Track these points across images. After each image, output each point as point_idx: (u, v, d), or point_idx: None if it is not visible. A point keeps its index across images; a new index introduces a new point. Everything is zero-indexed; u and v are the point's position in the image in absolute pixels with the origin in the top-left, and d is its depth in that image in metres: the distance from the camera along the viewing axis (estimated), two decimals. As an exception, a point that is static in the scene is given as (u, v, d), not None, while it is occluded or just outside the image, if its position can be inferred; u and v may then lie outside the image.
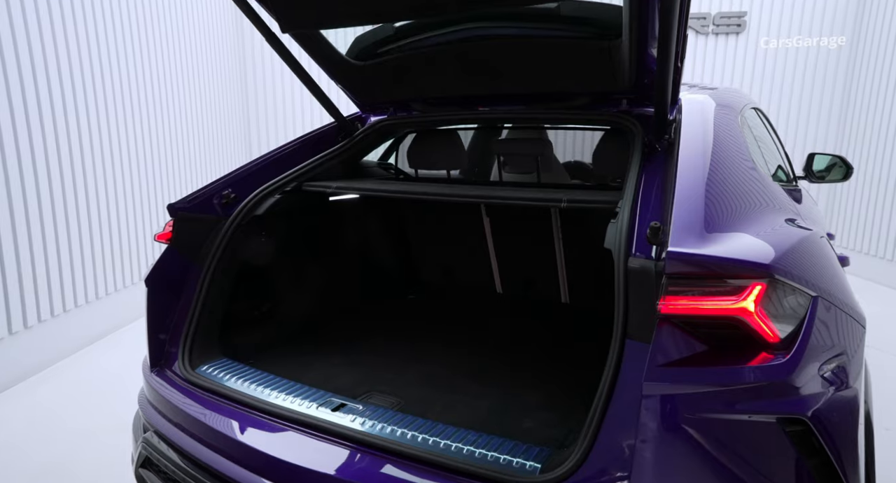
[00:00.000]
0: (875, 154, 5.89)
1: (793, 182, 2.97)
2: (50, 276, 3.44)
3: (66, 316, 3.60)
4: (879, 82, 5.80)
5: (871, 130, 5.93)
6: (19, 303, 3.19)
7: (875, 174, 5.89)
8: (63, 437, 2.64)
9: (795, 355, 1.05)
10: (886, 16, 5.70)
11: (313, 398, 1.52)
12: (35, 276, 3.31)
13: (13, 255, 3.15)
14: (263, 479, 1.32)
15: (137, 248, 4.35)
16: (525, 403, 1.64)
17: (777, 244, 1.19)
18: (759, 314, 1.05)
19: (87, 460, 2.44)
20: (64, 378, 3.31)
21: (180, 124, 4.95)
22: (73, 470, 2.38)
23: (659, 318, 1.05)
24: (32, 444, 2.59)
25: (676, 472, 1.04)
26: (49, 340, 3.45)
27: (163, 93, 4.65)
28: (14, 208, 3.15)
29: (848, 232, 6.28)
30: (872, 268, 5.92)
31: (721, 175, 1.38)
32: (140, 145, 4.36)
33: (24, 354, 3.27)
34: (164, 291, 1.78)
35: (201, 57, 5.39)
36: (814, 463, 1.07)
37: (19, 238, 3.19)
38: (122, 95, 4.09)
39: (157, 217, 4.60)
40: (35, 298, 3.32)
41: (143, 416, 1.68)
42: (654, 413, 1.03)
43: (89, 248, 3.81)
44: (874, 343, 4.03)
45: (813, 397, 1.07)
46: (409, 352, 2.09)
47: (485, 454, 1.25)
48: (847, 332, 1.26)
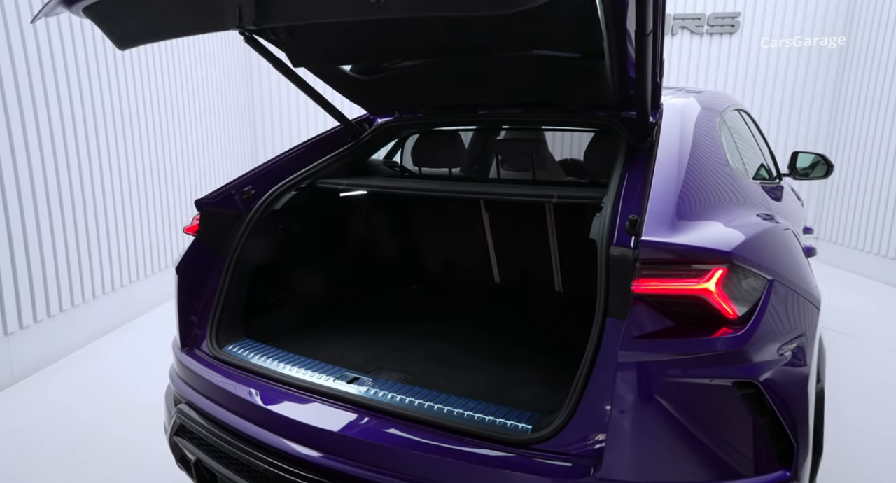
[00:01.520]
0: (864, 153, 6.06)
1: (776, 179, 3.13)
2: (59, 273, 3.59)
3: (75, 311, 3.75)
4: (869, 81, 5.96)
5: (860, 129, 6.09)
6: (29, 300, 3.35)
7: (864, 172, 6.06)
8: (84, 421, 2.81)
9: (750, 329, 1.23)
10: (876, 16, 5.85)
11: (329, 373, 1.69)
12: (45, 273, 3.45)
13: (37, 253, 3.32)
14: (285, 439, 1.49)
15: (161, 242, 4.53)
16: (520, 378, 1.81)
17: (739, 234, 1.36)
18: (720, 294, 1.22)
19: (108, 443, 2.61)
20: (77, 369, 3.46)
21: (190, 129, 5.12)
22: (95, 452, 2.54)
23: (633, 297, 1.22)
24: (52, 430, 2.75)
25: (647, 427, 1.21)
26: (59, 335, 3.59)
27: (177, 103, 4.82)
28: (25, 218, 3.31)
29: (837, 227, 6.45)
30: (861, 262, 6.10)
31: (694, 173, 1.55)
32: (150, 150, 4.53)
33: (34, 348, 3.43)
34: (192, 278, 1.95)
35: (212, 68, 5.56)
36: (765, 421, 1.24)
37: (26, 240, 3.36)
38: (142, 106, 4.26)
39: (163, 217, 4.76)
40: (45, 295, 3.46)
41: (175, 389, 1.86)
42: (628, 378, 1.21)
43: (95, 246, 3.97)
44: (860, 335, 4.21)
45: (765, 365, 1.24)
46: (415, 334, 2.26)
47: (482, 418, 1.42)
48: (801, 312, 1.43)
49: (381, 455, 1.39)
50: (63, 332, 3.59)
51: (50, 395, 3.08)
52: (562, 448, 1.28)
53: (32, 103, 3.29)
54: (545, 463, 1.26)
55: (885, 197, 5.69)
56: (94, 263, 3.88)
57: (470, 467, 1.30)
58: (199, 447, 1.66)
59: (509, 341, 2.22)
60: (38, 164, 3.36)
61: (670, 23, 6.45)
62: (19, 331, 3.24)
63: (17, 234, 3.21)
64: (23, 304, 3.25)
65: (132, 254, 4.30)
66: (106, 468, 2.40)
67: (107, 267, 4.01)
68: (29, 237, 3.30)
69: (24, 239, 3.26)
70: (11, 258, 3.17)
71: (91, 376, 3.33)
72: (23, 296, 3.25)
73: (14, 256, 3.19)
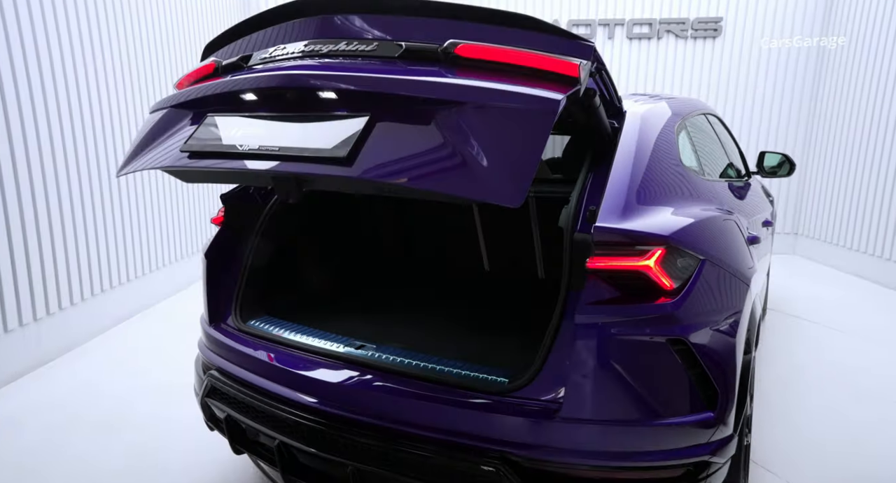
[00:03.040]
0: (840, 153, 6.37)
1: (744, 177, 3.43)
2: (80, 265, 3.89)
3: (95, 300, 4.05)
4: (846, 82, 6.27)
5: (837, 130, 6.41)
6: (54, 285, 3.65)
7: (840, 172, 6.38)
8: (113, 396, 3.11)
9: (682, 298, 1.52)
10: (853, 19, 6.16)
11: (339, 341, 1.99)
12: (68, 265, 3.75)
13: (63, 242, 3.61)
14: (303, 394, 1.78)
15: (175, 235, 4.81)
16: (504, 346, 2.11)
17: (679, 221, 1.66)
18: (658, 270, 1.52)
19: (137, 415, 2.91)
20: (101, 351, 3.77)
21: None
22: (127, 423, 2.84)
23: (588, 272, 1.52)
24: (86, 403, 3.06)
25: (599, 375, 1.50)
26: (83, 320, 3.89)
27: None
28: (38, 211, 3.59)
29: (816, 224, 6.77)
30: (838, 257, 6.41)
31: (647, 171, 1.84)
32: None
33: (61, 333, 3.73)
34: (219, 262, 2.24)
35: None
36: (694, 372, 1.54)
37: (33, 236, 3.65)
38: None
39: (177, 212, 5.04)
40: (68, 285, 3.77)
41: (204, 358, 2.15)
42: (583, 335, 1.50)
43: (112, 239, 4.26)
44: (824, 322, 4.52)
45: (693, 326, 1.54)
46: (415, 312, 2.56)
47: (468, 374, 1.72)
48: (730, 287, 1.74)
49: (385, 405, 1.68)
50: (87, 317, 3.89)
51: (80, 373, 3.38)
52: (532, 395, 1.57)
53: (98, 104, 3.58)
54: (518, 406, 1.56)
55: (859, 195, 6.00)
56: (112, 256, 4.18)
57: (460, 411, 1.59)
58: (229, 405, 1.95)
59: (497, 318, 2.52)
60: (61, 163, 3.64)
61: (656, 27, 6.75)
62: (46, 317, 3.53)
63: (45, 233, 3.51)
64: (49, 292, 3.54)
65: (148, 246, 4.60)
66: (138, 436, 2.69)
67: (123, 259, 4.30)
68: (55, 233, 3.59)
69: (51, 235, 3.56)
70: (39, 253, 3.46)
71: (115, 357, 3.62)
72: (49, 285, 3.54)
73: (42, 251, 3.49)
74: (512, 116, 1.31)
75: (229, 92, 1.64)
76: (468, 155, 1.28)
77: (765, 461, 2.51)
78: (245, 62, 1.74)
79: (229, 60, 1.77)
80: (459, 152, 1.30)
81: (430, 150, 1.35)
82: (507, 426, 1.54)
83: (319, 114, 1.51)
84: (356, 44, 1.56)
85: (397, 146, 1.39)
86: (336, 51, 1.57)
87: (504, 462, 1.50)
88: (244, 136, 1.54)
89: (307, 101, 1.55)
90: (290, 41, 1.67)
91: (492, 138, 1.30)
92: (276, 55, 1.66)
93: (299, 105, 1.55)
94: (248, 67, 1.72)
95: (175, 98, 1.80)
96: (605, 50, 6.86)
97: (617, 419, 1.52)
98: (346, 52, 1.57)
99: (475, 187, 1.26)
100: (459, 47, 1.45)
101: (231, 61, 1.76)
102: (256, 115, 1.60)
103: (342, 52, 1.57)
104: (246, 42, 1.83)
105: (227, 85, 1.65)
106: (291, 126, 1.52)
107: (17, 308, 3.29)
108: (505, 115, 1.32)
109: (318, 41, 1.61)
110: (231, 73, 1.73)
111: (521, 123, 1.30)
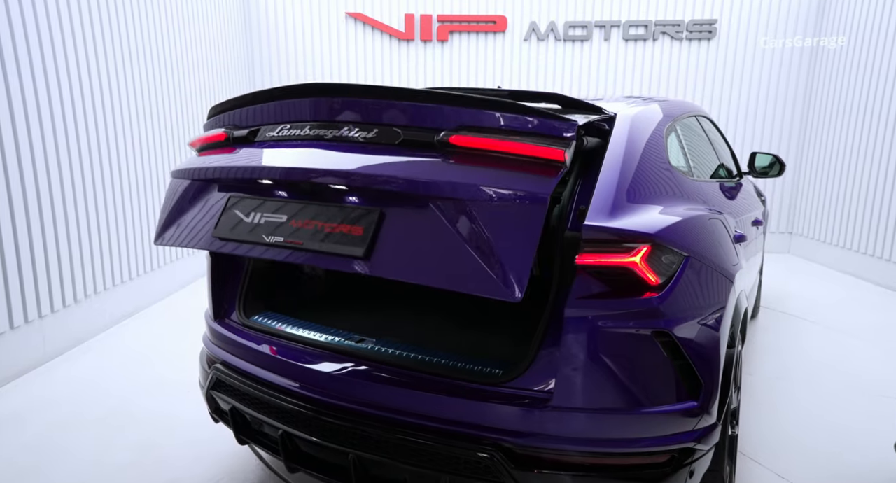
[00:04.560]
0: (833, 154, 6.46)
1: (736, 178, 3.50)
2: (83, 263, 3.96)
3: (98, 298, 4.13)
4: (840, 82, 6.35)
5: (830, 130, 6.49)
6: (59, 285, 3.72)
7: (833, 172, 6.46)
8: (115, 393, 3.18)
9: (666, 293, 1.60)
10: (846, 20, 6.24)
11: (340, 336, 2.06)
12: (72, 263, 3.83)
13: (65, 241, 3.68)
14: (304, 385, 1.84)
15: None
16: (499, 341, 2.18)
17: (665, 220, 1.73)
18: (644, 266, 1.59)
19: (140, 411, 2.97)
20: (103, 349, 3.83)
21: (198, 126, 5.47)
22: (130, 419, 2.91)
23: (577, 268, 1.59)
24: (88, 400, 3.12)
25: (587, 366, 1.58)
26: (85, 318, 3.97)
27: (189, 108, 5.16)
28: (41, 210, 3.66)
29: (810, 223, 6.86)
30: (831, 256, 6.49)
31: (635, 172, 1.91)
32: (156, 150, 4.88)
33: (64, 330, 3.80)
34: (223, 261, 2.31)
35: (216, 56, 5.90)
36: (678, 363, 1.62)
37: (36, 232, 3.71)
38: (172, 105, 4.61)
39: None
40: (71, 279, 3.84)
41: (209, 352, 2.22)
42: (573, 328, 1.57)
43: (115, 239, 4.33)
44: (830, 323, 4.60)
45: (677, 320, 1.61)
46: (413, 309, 2.63)
47: (465, 365, 1.79)
48: (713, 283, 1.81)
49: (384, 396, 1.76)
50: (90, 315, 3.96)
51: (82, 370, 3.44)
52: (525, 385, 1.64)
53: (101, 102, 3.65)
54: (511, 396, 1.63)
55: (853, 195, 6.09)
56: (114, 254, 4.25)
57: (456, 400, 1.67)
58: (233, 397, 2.02)
59: (494, 314, 2.59)
60: (65, 161, 3.72)
61: (652, 28, 6.84)
62: (51, 314, 3.59)
63: (49, 231, 3.58)
64: (54, 290, 3.61)
65: (150, 244, 4.66)
66: (142, 432, 2.76)
67: (124, 258, 4.37)
68: (59, 232, 3.66)
69: (55, 234, 3.63)
70: (44, 251, 3.53)
71: (117, 354, 3.69)
72: (53, 282, 3.61)
73: (47, 249, 3.55)
74: (505, 209, 1.47)
75: (248, 178, 1.81)
76: (466, 254, 1.45)
77: (753, 453, 2.59)
78: (253, 136, 1.90)
79: (239, 133, 1.94)
80: (461, 249, 1.46)
81: (434, 247, 1.51)
82: (501, 415, 1.62)
83: (335, 204, 1.67)
84: (358, 130, 1.70)
85: (406, 242, 1.56)
86: (340, 136, 1.72)
87: (498, 449, 1.57)
88: (268, 225, 1.72)
89: (323, 192, 1.70)
90: (294, 119, 1.83)
91: (489, 232, 1.45)
92: (283, 135, 1.82)
93: (315, 194, 1.71)
94: (256, 142, 1.89)
95: (196, 172, 1.95)
96: (602, 51, 6.94)
97: (605, 408, 1.59)
98: (350, 138, 1.71)
99: (478, 286, 1.43)
100: (453, 137, 1.58)
101: (241, 134, 1.93)
102: (276, 199, 1.77)
103: (347, 138, 1.71)
104: (251, 112, 1.98)
105: (245, 171, 1.81)
106: (310, 216, 1.67)
107: (23, 305, 3.36)
108: (499, 208, 1.47)
109: (323, 124, 1.75)
110: (241, 145, 1.92)
111: (515, 216, 1.46)
